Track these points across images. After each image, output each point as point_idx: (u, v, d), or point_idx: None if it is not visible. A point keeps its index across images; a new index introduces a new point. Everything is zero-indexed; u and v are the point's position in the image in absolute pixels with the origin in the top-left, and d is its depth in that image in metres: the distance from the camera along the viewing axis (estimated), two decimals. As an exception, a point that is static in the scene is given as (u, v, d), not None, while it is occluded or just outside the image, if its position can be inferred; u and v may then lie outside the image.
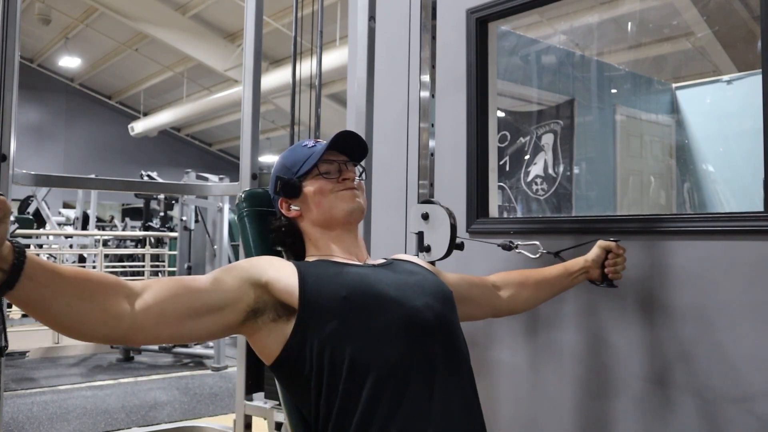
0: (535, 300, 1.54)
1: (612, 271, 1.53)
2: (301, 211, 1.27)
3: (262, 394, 2.47)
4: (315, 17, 3.09)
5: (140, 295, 0.95)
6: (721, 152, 2.73)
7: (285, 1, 8.11)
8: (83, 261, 8.60)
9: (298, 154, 1.29)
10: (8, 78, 1.91)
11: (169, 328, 0.97)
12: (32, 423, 3.81)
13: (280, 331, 1.08)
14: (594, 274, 1.55)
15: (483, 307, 1.45)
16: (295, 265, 1.13)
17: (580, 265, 1.55)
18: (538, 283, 1.52)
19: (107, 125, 15.85)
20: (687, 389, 1.59)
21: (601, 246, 1.54)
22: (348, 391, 1.03)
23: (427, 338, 1.10)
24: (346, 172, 1.26)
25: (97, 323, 0.89)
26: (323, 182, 1.24)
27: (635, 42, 3.04)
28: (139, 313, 0.93)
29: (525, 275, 1.53)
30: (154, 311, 0.94)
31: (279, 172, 1.30)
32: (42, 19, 10.86)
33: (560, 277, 1.54)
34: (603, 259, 1.54)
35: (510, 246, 1.69)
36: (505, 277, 1.52)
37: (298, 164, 1.27)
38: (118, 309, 0.90)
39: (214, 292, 1.02)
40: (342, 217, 1.23)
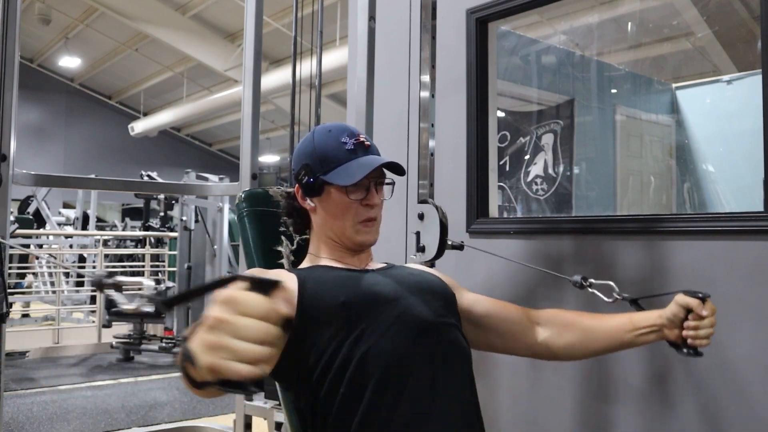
0: (582, 349, 1.27)
1: (692, 336, 1.17)
2: (315, 208, 1.23)
3: (262, 394, 2.47)
4: (315, 17, 3.09)
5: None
6: (721, 152, 2.73)
7: (285, 1, 8.11)
8: (83, 261, 8.60)
9: (333, 150, 1.18)
10: (8, 78, 1.91)
11: None
12: (32, 423, 3.81)
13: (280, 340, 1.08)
14: (671, 336, 1.20)
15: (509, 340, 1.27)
16: (296, 275, 1.13)
17: (651, 321, 1.21)
18: (587, 331, 1.26)
19: (107, 125, 15.84)
20: (687, 389, 1.59)
21: (678, 302, 1.18)
22: (348, 394, 1.03)
23: (426, 338, 1.10)
24: (372, 197, 1.19)
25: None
26: (347, 202, 1.18)
27: (635, 42, 3.04)
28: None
29: (575, 317, 1.29)
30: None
31: (308, 158, 1.20)
32: (42, 19, 10.85)
33: (620, 330, 1.23)
34: (681, 318, 1.18)
35: (582, 285, 1.41)
36: (551, 314, 1.31)
37: (330, 165, 1.17)
38: None
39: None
40: (350, 245, 1.22)
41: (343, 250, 1.23)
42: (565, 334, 1.26)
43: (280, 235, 1.38)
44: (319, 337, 1.06)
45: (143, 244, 8.86)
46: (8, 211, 1.91)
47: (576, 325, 1.27)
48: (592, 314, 1.31)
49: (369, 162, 1.17)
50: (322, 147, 1.19)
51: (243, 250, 1.40)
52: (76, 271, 8.00)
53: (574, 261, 1.83)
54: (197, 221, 6.07)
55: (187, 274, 5.96)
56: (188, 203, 6.02)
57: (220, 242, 5.58)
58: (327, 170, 1.17)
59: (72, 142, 15.62)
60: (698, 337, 1.17)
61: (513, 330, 1.26)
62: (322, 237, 1.24)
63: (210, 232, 5.87)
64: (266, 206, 1.39)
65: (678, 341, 1.19)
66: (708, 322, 1.16)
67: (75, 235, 8.92)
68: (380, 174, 1.21)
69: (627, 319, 1.24)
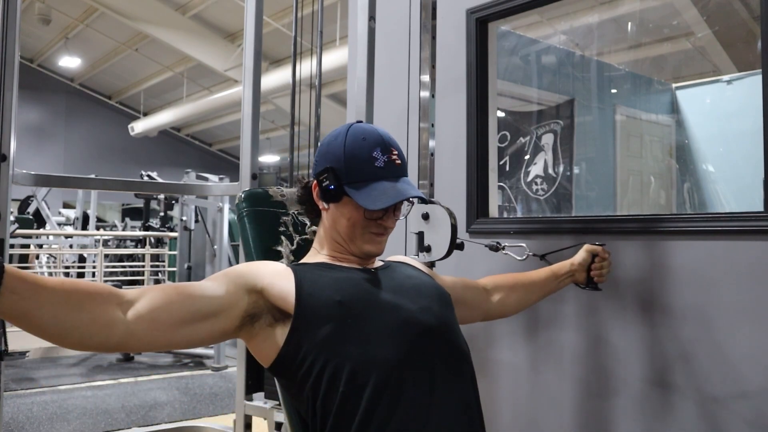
0: (525, 303, 1.55)
1: (597, 274, 1.56)
2: (329, 210, 1.22)
3: (262, 394, 2.47)
4: (315, 17, 3.09)
5: (133, 303, 0.95)
6: (721, 152, 2.73)
7: (285, 1, 8.11)
8: (83, 261, 8.60)
9: (363, 163, 1.15)
10: (8, 78, 1.91)
11: (164, 334, 0.97)
12: (32, 423, 3.81)
13: (277, 336, 1.08)
14: (580, 278, 1.58)
15: (475, 310, 1.45)
16: (292, 270, 1.13)
17: (566, 269, 1.57)
18: (526, 286, 1.53)
19: (107, 125, 15.84)
20: (687, 389, 1.59)
21: (587, 250, 1.57)
22: (347, 394, 1.03)
23: (425, 340, 1.10)
24: (388, 219, 1.19)
25: (88, 332, 0.89)
26: (362, 219, 1.17)
27: (635, 42, 3.04)
28: (132, 321, 0.93)
29: (515, 278, 1.54)
30: (147, 318, 0.94)
31: (333, 162, 1.16)
32: (42, 19, 10.85)
33: (548, 281, 1.56)
34: (589, 262, 1.57)
35: (497, 247, 1.71)
36: (495, 280, 1.52)
37: (356, 178, 1.14)
38: (108, 317, 0.90)
39: (208, 299, 1.02)
40: (358, 253, 1.21)
41: (347, 253, 1.23)
42: (512, 294, 1.51)
43: (280, 235, 1.38)
44: (317, 335, 1.06)
45: (143, 244, 8.87)
46: (8, 211, 1.91)
47: (518, 285, 1.52)
48: (524, 273, 1.57)
49: (395, 192, 1.14)
50: (352, 155, 1.15)
51: (243, 250, 1.40)
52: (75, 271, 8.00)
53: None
54: (197, 221, 6.07)
55: (187, 274, 5.97)
56: (188, 203, 6.02)
57: (220, 242, 5.59)
58: (351, 183, 1.15)
59: (72, 142, 15.62)
60: (602, 275, 1.57)
61: (477, 301, 1.45)
62: (329, 236, 1.24)
63: (210, 232, 5.87)
64: (266, 206, 1.39)
65: (584, 281, 1.58)
66: (608, 263, 1.58)
67: (75, 235, 8.92)
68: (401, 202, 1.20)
69: (550, 272, 1.57)
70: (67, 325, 0.87)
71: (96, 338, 0.90)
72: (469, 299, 1.42)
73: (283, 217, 1.40)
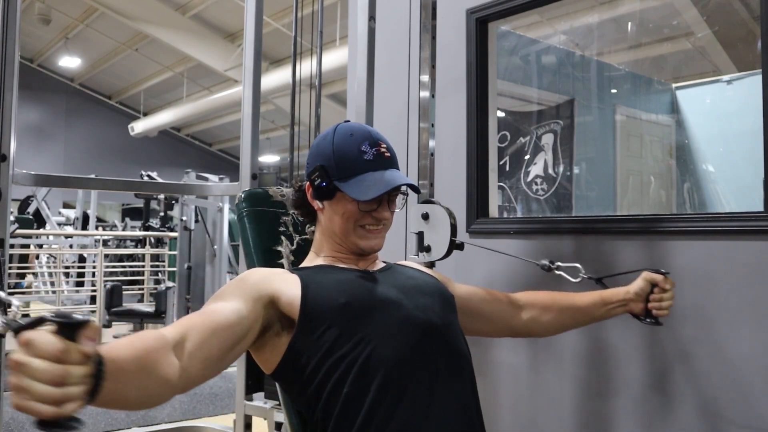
0: (558, 327, 1.42)
1: (656, 307, 1.36)
2: (323, 210, 1.22)
3: (262, 394, 2.47)
4: (315, 17, 3.09)
5: (183, 345, 0.91)
6: (721, 152, 2.73)
7: (285, 1, 8.11)
8: (83, 261, 8.60)
9: (352, 157, 1.16)
10: (8, 78, 1.91)
11: (213, 367, 0.96)
12: (32, 423, 3.81)
13: (281, 342, 1.09)
14: (636, 309, 1.38)
15: (497, 324, 1.37)
16: (299, 276, 1.13)
17: (620, 297, 1.39)
18: (564, 309, 1.39)
19: (107, 125, 15.84)
20: (687, 389, 1.59)
21: (645, 278, 1.37)
22: (351, 395, 1.03)
23: (427, 341, 1.10)
24: (383, 211, 1.18)
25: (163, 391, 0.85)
26: (356, 212, 1.17)
27: (635, 42, 3.04)
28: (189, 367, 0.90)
29: (552, 298, 1.41)
30: (200, 358, 0.92)
31: (324, 160, 1.18)
32: (42, 19, 10.86)
33: (593, 306, 1.39)
34: (647, 292, 1.37)
35: (550, 267, 1.53)
36: (530, 297, 1.41)
37: (346, 173, 1.16)
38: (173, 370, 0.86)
39: (239, 323, 1.01)
40: (355, 249, 1.21)
41: (346, 253, 1.23)
42: (545, 315, 1.39)
43: (280, 235, 1.38)
44: (321, 339, 1.06)
45: (143, 244, 8.87)
46: (8, 211, 1.91)
47: (554, 306, 1.39)
48: (565, 294, 1.42)
49: (386, 180, 1.15)
50: (341, 151, 1.16)
51: (243, 250, 1.40)
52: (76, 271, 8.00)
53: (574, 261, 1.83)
54: (197, 221, 6.07)
55: (187, 274, 5.96)
56: (188, 203, 6.02)
57: (220, 242, 5.59)
58: (342, 177, 1.16)
59: (72, 142, 15.62)
60: (662, 308, 1.36)
61: (501, 316, 1.37)
62: (327, 236, 1.24)
63: (210, 232, 5.87)
64: (266, 206, 1.39)
65: (642, 313, 1.38)
66: (670, 295, 1.37)
67: (75, 235, 8.92)
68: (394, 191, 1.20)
69: (598, 297, 1.40)
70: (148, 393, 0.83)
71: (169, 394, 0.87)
72: (488, 312, 1.35)
73: (283, 217, 1.40)
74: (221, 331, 0.97)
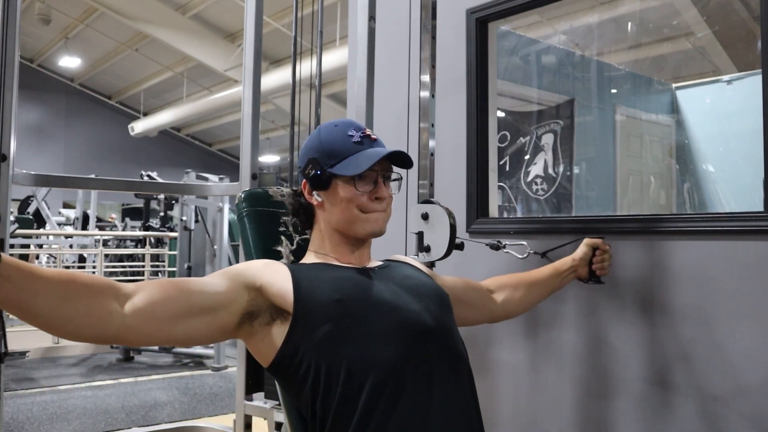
0: (529, 302, 1.54)
1: (599, 267, 1.57)
2: (322, 203, 1.22)
3: (262, 394, 2.46)
4: (315, 17, 3.09)
5: (131, 296, 0.95)
6: (721, 152, 2.73)
7: (285, 1, 8.11)
8: (83, 261, 8.60)
9: (340, 143, 1.18)
10: (8, 78, 1.91)
11: (161, 328, 0.97)
12: (32, 423, 3.81)
13: (275, 335, 1.08)
14: (582, 273, 1.58)
15: (479, 310, 1.44)
16: (290, 269, 1.13)
17: (568, 265, 1.57)
18: (530, 285, 1.53)
19: (107, 125, 15.84)
20: (687, 389, 1.59)
21: (587, 244, 1.58)
22: (345, 394, 1.03)
23: (423, 341, 1.10)
24: (381, 189, 1.19)
25: (83, 324, 0.89)
26: (355, 194, 1.18)
27: (635, 42, 3.04)
28: (129, 315, 0.93)
29: (517, 278, 1.53)
30: (144, 311, 0.94)
31: (314, 153, 1.20)
32: (42, 19, 10.85)
33: (551, 278, 1.56)
34: (590, 256, 1.58)
35: (498, 246, 1.70)
36: (498, 281, 1.51)
37: (337, 158, 1.18)
38: (105, 310, 0.90)
39: (206, 294, 1.02)
40: (361, 235, 1.21)
41: (347, 245, 1.22)
42: (516, 294, 1.50)
43: (280, 235, 1.38)
44: (315, 334, 1.06)
45: (143, 244, 8.87)
46: (8, 211, 1.91)
47: (521, 284, 1.51)
48: (527, 272, 1.56)
49: (376, 152, 1.17)
50: (329, 141, 1.20)
51: (243, 250, 1.40)
52: (76, 271, 7.99)
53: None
54: (197, 221, 6.07)
55: (187, 274, 5.96)
56: (188, 203, 6.02)
57: (220, 242, 5.59)
58: (334, 163, 1.18)
59: (72, 142, 15.62)
60: (603, 268, 1.57)
61: (482, 302, 1.44)
62: (326, 232, 1.24)
63: (210, 232, 5.87)
64: (266, 206, 1.39)
65: (586, 275, 1.58)
66: (608, 256, 1.58)
67: (75, 235, 8.92)
68: (388, 168, 1.21)
69: (552, 269, 1.57)
70: (62, 316, 0.87)
71: (91, 330, 0.90)
72: (472, 300, 1.41)
73: (283, 217, 1.40)
74: (177, 294, 0.99)
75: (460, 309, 1.33)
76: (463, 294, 1.38)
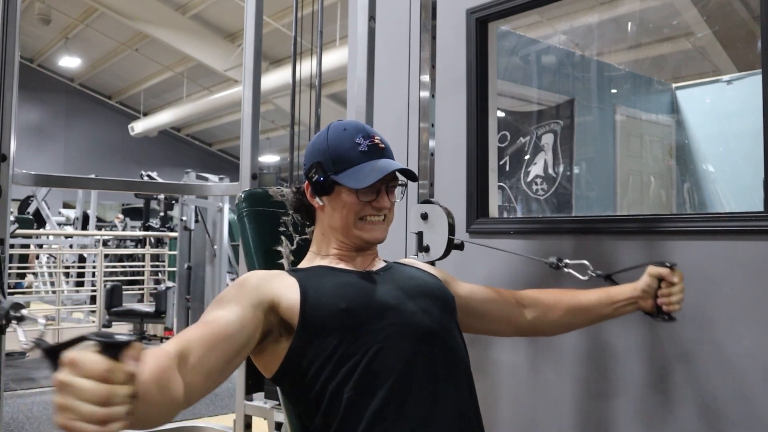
0: (564, 326, 1.39)
1: (665, 303, 1.29)
2: (323, 206, 1.22)
3: (262, 394, 2.47)
4: (315, 17, 3.09)
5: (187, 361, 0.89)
6: (721, 152, 2.73)
7: (285, 1, 8.10)
8: (83, 261, 8.60)
9: (347, 150, 1.17)
10: (8, 78, 1.91)
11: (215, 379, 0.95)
12: (32, 423, 3.81)
13: (281, 347, 1.08)
14: (646, 306, 1.32)
15: (502, 323, 1.35)
16: (296, 279, 1.12)
17: (627, 295, 1.33)
18: (570, 309, 1.35)
19: (107, 125, 15.84)
20: (687, 389, 1.59)
21: (651, 274, 1.31)
22: (352, 400, 1.03)
23: (426, 344, 1.10)
24: (383, 200, 1.19)
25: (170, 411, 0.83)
26: (356, 203, 1.17)
27: (635, 42, 3.04)
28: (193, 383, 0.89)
29: (558, 297, 1.37)
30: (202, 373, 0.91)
31: (319, 156, 1.19)
32: (42, 19, 10.85)
33: (600, 305, 1.34)
34: (655, 288, 1.31)
35: (558, 265, 1.49)
36: (535, 295, 1.38)
37: (342, 165, 1.17)
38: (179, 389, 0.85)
39: (239, 332, 1.00)
40: (359, 244, 1.21)
41: (348, 249, 1.22)
42: (550, 314, 1.35)
43: (280, 235, 1.38)
44: (322, 344, 1.06)
45: (143, 244, 8.87)
46: (8, 211, 1.91)
47: (559, 305, 1.35)
48: (571, 291, 1.38)
49: (381, 167, 1.16)
50: (336, 146, 1.18)
51: (243, 250, 1.40)
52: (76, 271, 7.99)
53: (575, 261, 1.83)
54: (197, 221, 6.06)
55: (187, 274, 5.96)
56: (188, 203, 6.02)
57: (220, 242, 5.58)
58: (339, 170, 1.17)
59: (72, 142, 15.62)
60: (671, 303, 1.29)
61: (505, 314, 1.34)
62: (328, 235, 1.24)
63: (210, 232, 5.87)
64: (266, 206, 1.39)
65: (652, 310, 1.32)
66: (678, 288, 1.29)
67: (75, 235, 8.92)
68: (393, 177, 1.20)
69: (604, 295, 1.35)
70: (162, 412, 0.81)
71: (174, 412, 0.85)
72: (491, 311, 1.33)
73: (283, 217, 1.39)
74: (222, 342, 0.96)
75: (475, 319, 1.30)
76: (481, 305, 1.32)
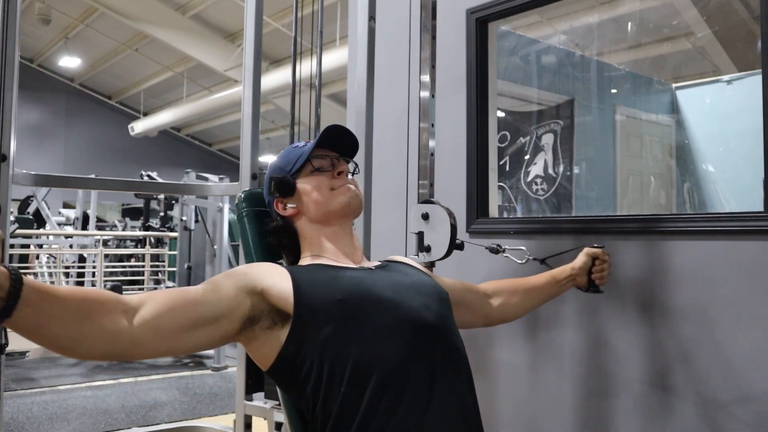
0: (525, 308, 1.54)
1: (598, 277, 1.54)
2: (297, 208, 1.26)
3: (262, 394, 2.46)
4: (315, 17, 3.09)
5: (138, 310, 0.94)
6: (721, 152, 2.73)
7: (285, 1, 8.11)
8: (83, 261, 8.60)
9: (290, 154, 1.31)
10: (8, 78, 1.91)
11: (167, 341, 0.96)
12: (32, 423, 3.81)
13: (276, 338, 1.08)
14: (581, 281, 1.56)
15: (476, 313, 1.44)
16: (288, 271, 1.12)
17: (567, 273, 1.56)
18: (526, 291, 1.53)
19: (107, 125, 15.84)
20: (687, 389, 1.59)
21: (587, 253, 1.55)
22: (347, 395, 1.03)
23: (425, 339, 1.10)
24: (339, 166, 1.27)
25: (95, 342, 0.88)
26: (318, 177, 1.26)
27: (635, 42, 3.04)
28: (137, 329, 0.91)
29: (515, 284, 1.53)
30: (151, 325, 0.93)
31: (272, 173, 1.31)
32: (42, 19, 10.85)
33: (548, 285, 1.55)
34: (590, 266, 1.55)
35: (497, 249, 1.69)
36: (495, 285, 1.52)
37: (291, 163, 1.28)
38: (115, 326, 0.89)
39: (210, 304, 1.02)
40: (340, 209, 1.23)
41: (335, 238, 1.24)
42: (512, 299, 1.50)
43: (280, 235, 1.37)
44: (317, 335, 1.05)
45: (143, 244, 8.87)
46: (8, 211, 1.91)
47: (518, 290, 1.52)
48: (525, 278, 1.56)
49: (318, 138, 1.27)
50: (281, 158, 1.32)
51: (243, 250, 1.40)
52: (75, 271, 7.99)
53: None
54: (197, 221, 6.07)
55: (187, 274, 5.97)
56: (188, 203, 6.02)
57: (220, 242, 5.59)
58: (290, 168, 1.28)
59: (72, 142, 15.62)
60: (603, 278, 1.55)
61: (479, 305, 1.45)
62: (311, 233, 1.26)
63: (210, 232, 5.87)
64: (266, 206, 1.39)
65: (586, 285, 1.56)
66: (608, 265, 1.56)
67: (75, 235, 8.92)
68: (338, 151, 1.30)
69: (550, 276, 1.56)
70: (74, 337, 0.85)
71: (102, 348, 0.89)
72: (469, 302, 1.41)
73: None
74: (184, 306, 0.98)
75: (458, 311, 1.32)
76: (461, 296, 1.38)
